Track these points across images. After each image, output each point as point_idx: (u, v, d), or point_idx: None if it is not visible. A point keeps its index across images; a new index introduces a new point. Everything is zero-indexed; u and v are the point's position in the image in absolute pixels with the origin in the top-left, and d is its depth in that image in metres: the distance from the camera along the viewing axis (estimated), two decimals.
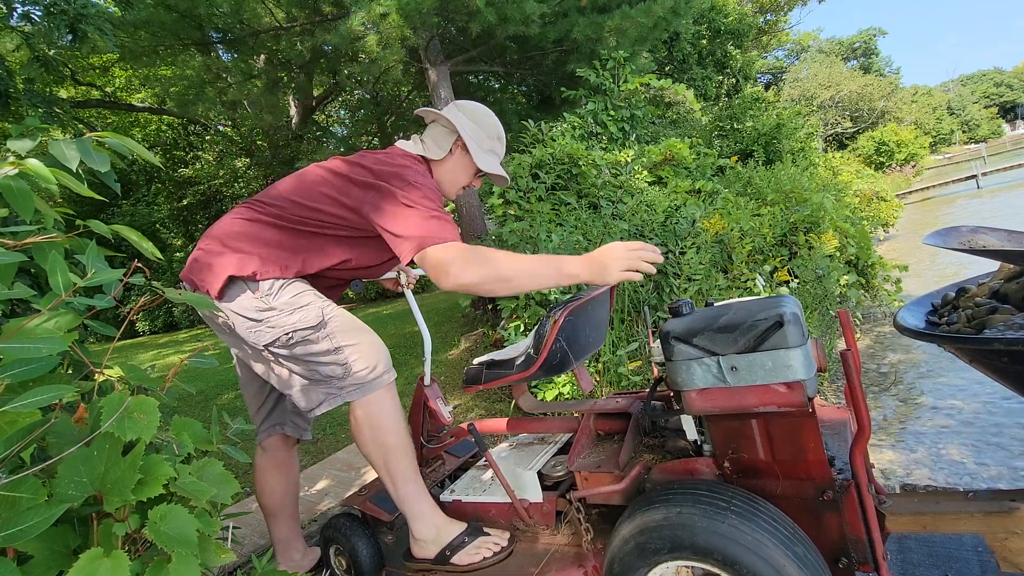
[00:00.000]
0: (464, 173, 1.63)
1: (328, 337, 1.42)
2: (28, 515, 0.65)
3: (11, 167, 0.83)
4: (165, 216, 14.06)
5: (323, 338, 1.42)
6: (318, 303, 1.45)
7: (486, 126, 1.62)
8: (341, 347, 1.42)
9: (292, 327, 1.40)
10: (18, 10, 5.21)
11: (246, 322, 1.43)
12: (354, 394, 1.44)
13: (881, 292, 4.71)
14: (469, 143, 1.56)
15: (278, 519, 1.79)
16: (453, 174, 1.62)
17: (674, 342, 1.10)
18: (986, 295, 1.15)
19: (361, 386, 1.44)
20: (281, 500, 1.77)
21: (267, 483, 1.75)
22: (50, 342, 0.72)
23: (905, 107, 35.00)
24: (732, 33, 13.89)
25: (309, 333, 1.41)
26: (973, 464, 2.24)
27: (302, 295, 1.44)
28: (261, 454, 1.75)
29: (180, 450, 0.87)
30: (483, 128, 1.61)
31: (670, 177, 5.19)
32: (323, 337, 1.42)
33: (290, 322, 1.40)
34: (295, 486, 1.82)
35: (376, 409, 1.45)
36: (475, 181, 1.67)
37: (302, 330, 1.41)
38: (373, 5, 5.20)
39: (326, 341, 1.42)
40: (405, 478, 1.49)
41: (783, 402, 1.01)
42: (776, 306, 1.03)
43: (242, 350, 1.52)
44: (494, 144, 1.64)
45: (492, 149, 1.64)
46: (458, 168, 1.62)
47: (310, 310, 1.42)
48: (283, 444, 1.76)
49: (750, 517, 1.01)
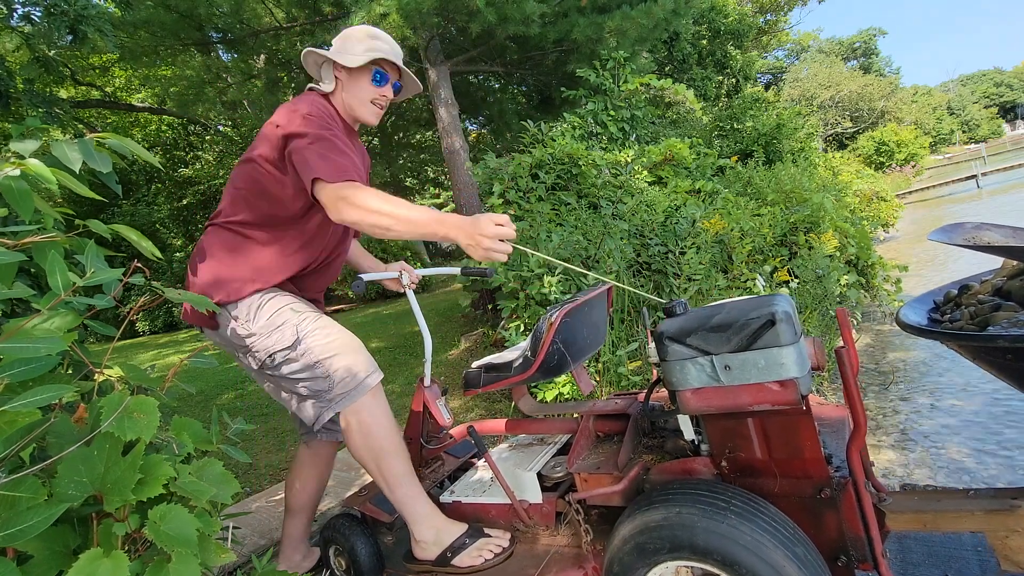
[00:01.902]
0: (358, 87, 1.59)
1: (306, 353, 1.44)
2: (28, 515, 0.65)
3: (12, 167, 0.83)
4: (165, 216, 14.05)
5: (301, 355, 1.44)
6: (293, 320, 1.46)
7: (352, 34, 1.59)
8: (319, 361, 1.44)
9: (271, 349, 1.44)
10: (18, 11, 5.21)
11: (238, 349, 1.49)
12: (343, 402, 1.45)
13: (881, 292, 4.71)
14: (337, 57, 1.55)
15: (297, 517, 1.80)
16: (350, 95, 1.59)
17: (668, 342, 1.10)
18: (989, 292, 1.15)
19: (346, 394, 1.45)
20: (308, 500, 1.79)
21: (301, 479, 1.77)
22: (50, 342, 0.72)
23: (905, 107, 34.98)
24: (732, 33, 13.89)
25: (288, 353, 1.44)
26: (973, 463, 2.24)
27: (278, 314, 1.46)
28: (304, 450, 1.77)
29: (180, 450, 0.87)
30: (350, 38, 1.59)
31: (670, 177, 5.19)
32: (301, 355, 1.44)
33: (269, 344, 1.44)
34: (323, 489, 1.84)
35: (364, 415, 1.46)
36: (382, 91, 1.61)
37: (281, 351, 1.44)
38: (373, 5, 5.20)
39: (305, 357, 1.44)
40: (400, 481, 1.49)
41: (777, 400, 1.01)
42: (768, 305, 1.04)
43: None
44: (369, 43, 1.57)
45: (371, 48, 1.56)
46: (348, 87, 1.59)
47: (285, 330, 1.45)
48: (328, 444, 1.79)
49: (750, 517, 1.01)
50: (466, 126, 11.08)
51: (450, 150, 7.05)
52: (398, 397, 4.11)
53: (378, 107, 1.62)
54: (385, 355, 5.81)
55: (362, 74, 1.57)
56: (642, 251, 3.74)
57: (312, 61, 1.62)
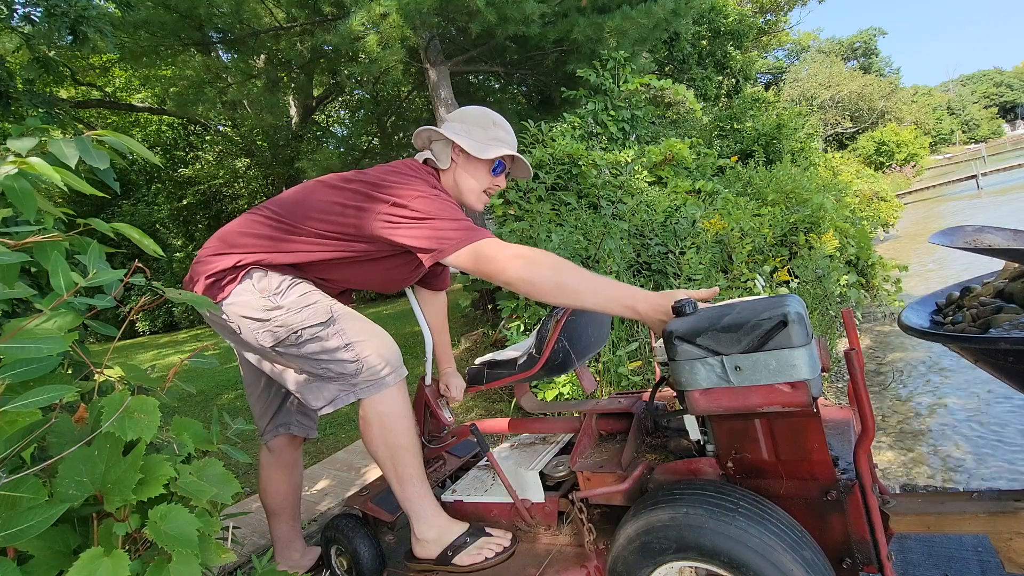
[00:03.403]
0: (475, 174, 1.57)
1: (339, 333, 1.40)
2: (28, 515, 0.65)
3: (13, 166, 0.83)
4: (165, 216, 14.06)
5: (334, 334, 1.40)
6: (326, 301, 1.44)
7: (474, 118, 1.56)
8: (352, 343, 1.40)
9: (300, 324, 1.39)
10: (19, 11, 5.21)
11: (252, 323, 1.42)
12: (367, 391, 1.41)
13: (881, 292, 4.71)
14: (460, 140, 1.52)
15: (279, 518, 1.78)
16: (464, 179, 1.57)
17: (677, 342, 1.09)
18: (991, 294, 1.15)
19: (374, 383, 1.41)
20: (284, 500, 1.77)
21: (271, 482, 1.75)
22: (50, 342, 0.72)
23: (905, 107, 35.00)
24: (732, 34, 13.89)
25: (319, 330, 1.40)
26: (973, 463, 2.24)
27: (309, 294, 1.44)
28: (267, 454, 1.74)
29: (180, 450, 0.87)
30: (472, 121, 1.56)
31: (670, 177, 5.19)
32: (333, 333, 1.40)
33: (298, 320, 1.39)
34: (298, 486, 1.82)
35: (387, 408, 1.43)
36: (497, 181, 1.59)
37: (312, 327, 1.39)
38: (373, 5, 5.20)
39: (337, 337, 1.40)
40: (412, 479, 1.48)
41: (787, 402, 1.00)
42: (780, 305, 1.03)
43: (247, 350, 1.52)
44: (493, 131, 1.56)
45: (495, 137, 1.55)
46: (466, 171, 1.56)
47: (318, 307, 1.42)
48: (289, 444, 1.76)
49: (758, 520, 1.00)
50: None
51: None
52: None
53: (487, 196, 1.60)
54: None
55: (483, 163, 1.54)
56: (642, 251, 3.74)
57: (427, 136, 1.58)
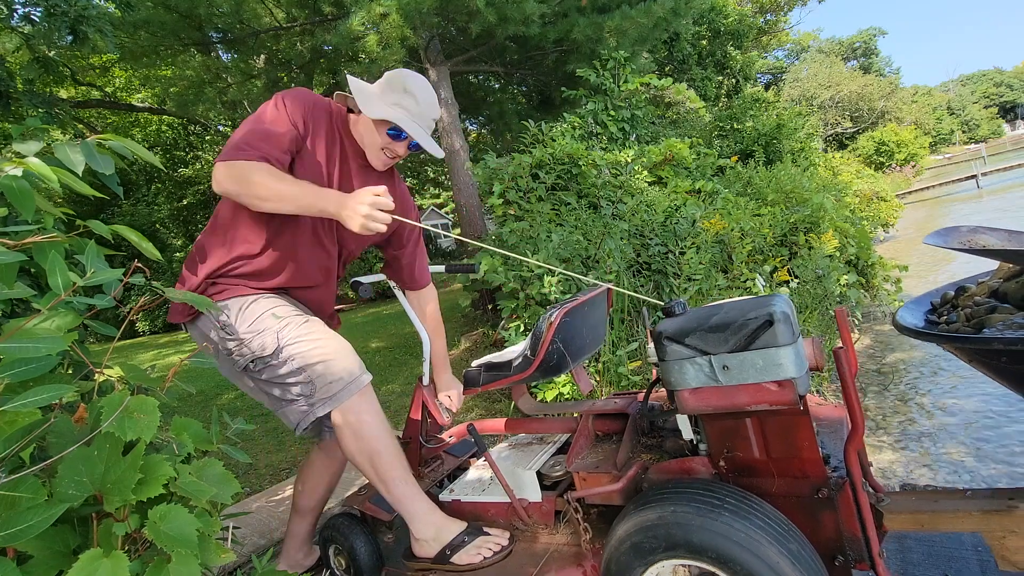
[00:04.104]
0: (367, 129, 1.52)
1: (288, 361, 1.42)
2: (28, 515, 0.65)
3: (13, 166, 0.83)
4: (165, 216, 14.08)
5: (283, 363, 1.42)
6: (275, 327, 1.43)
7: (390, 78, 1.51)
8: (302, 367, 1.41)
9: (253, 355, 1.42)
10: (19, 11, 5.21)
11: (219, 353, 1.47)
12: (326, 406, 1.42)
13: (881, 292, 4.71)
14: (354, 91, 1.48)
15: (304, 518, 1.81)
16: (363, 132, 1.54)
17: (667, 342, 1.11)
18: (985, 294, 1.16)
19: (331, 398, 1.42)
20: (317, 502, 1.80)
21: (312, 482, 1.77)
22: (50, 342, 0.72)
23: (905, 107, 34.98)
24: (732, 34, 13.90)
25: (269, 359, 1.42)
26: (972, 463, 2.24)
27: (260, 320, 1.44)
28: (318, 451, 1.77)
29: (180, 450, 0.87)
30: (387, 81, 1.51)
31: (670, 177, 5.20)
32: (282, 362, 1.42)
33: (251, 350, 1.42)
34: (332, 491, 1.84)
35: (353, 417, 1.44)
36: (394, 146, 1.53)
37: (261, 358, 1.42)
38: (373, 5, 5.21)
39: (287, 364, 1.42)
40: (395, 480, 1.48)
41: (775, 400, 1.01)
42: (766, 305, 1.04)
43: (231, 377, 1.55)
44: (397, 96, 1.48)
45: (396, 102, 1.48)
46: (363, 123, 1.53)
47: (266, 336, 1.42)
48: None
49: (743, 514, 1.01)
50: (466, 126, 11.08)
51: (450, 150, 7.06)
52: (398, 397, 4.12)
53: (387, 157, 1.56)
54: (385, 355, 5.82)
55: (380, 123, 1.51)
56: (642, 251, 3.75)
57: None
